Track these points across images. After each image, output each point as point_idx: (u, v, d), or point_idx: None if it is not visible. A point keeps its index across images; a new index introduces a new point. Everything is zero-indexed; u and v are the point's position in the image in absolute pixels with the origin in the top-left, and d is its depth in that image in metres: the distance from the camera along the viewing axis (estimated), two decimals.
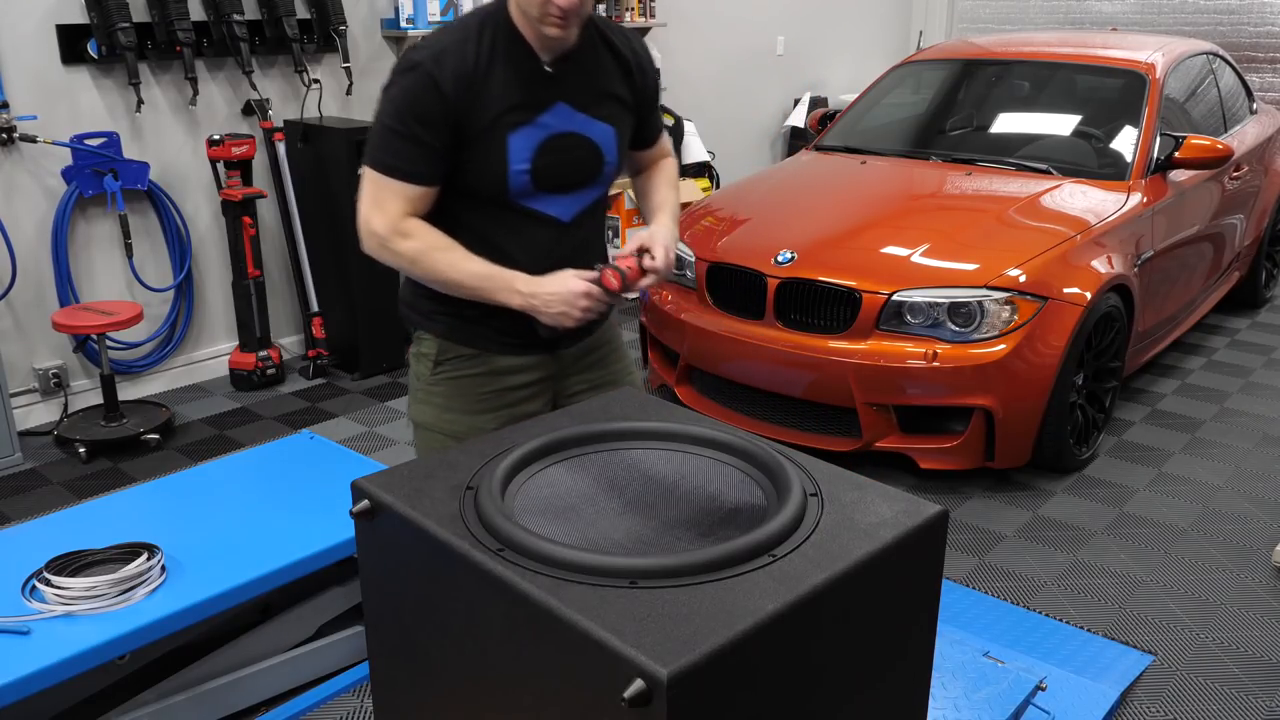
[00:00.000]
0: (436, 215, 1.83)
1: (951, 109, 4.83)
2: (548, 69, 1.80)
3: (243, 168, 4.23)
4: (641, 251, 1.85)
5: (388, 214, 1.77)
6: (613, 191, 5.64)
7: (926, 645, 1.43)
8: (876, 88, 5.04)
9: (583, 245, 1.93)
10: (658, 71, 2.03)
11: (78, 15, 3.92)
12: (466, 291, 1.81)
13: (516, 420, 1.98)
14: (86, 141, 3.97)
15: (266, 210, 4.57)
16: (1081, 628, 2.76)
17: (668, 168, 2.13)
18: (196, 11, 4.17)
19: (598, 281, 1.78)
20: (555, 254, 1.87)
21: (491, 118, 1.76)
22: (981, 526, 3.31)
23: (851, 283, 3.45)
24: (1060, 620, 2.79)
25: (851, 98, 5.42)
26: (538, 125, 1.80)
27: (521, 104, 1.78)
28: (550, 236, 1.88)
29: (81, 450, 3.75)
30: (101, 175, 3.99)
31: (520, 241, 1.85)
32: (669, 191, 2.08)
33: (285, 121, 4.50)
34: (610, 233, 5.72)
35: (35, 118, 3.87)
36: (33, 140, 3.82)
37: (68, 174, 3.96)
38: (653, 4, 5.93)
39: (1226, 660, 2.64)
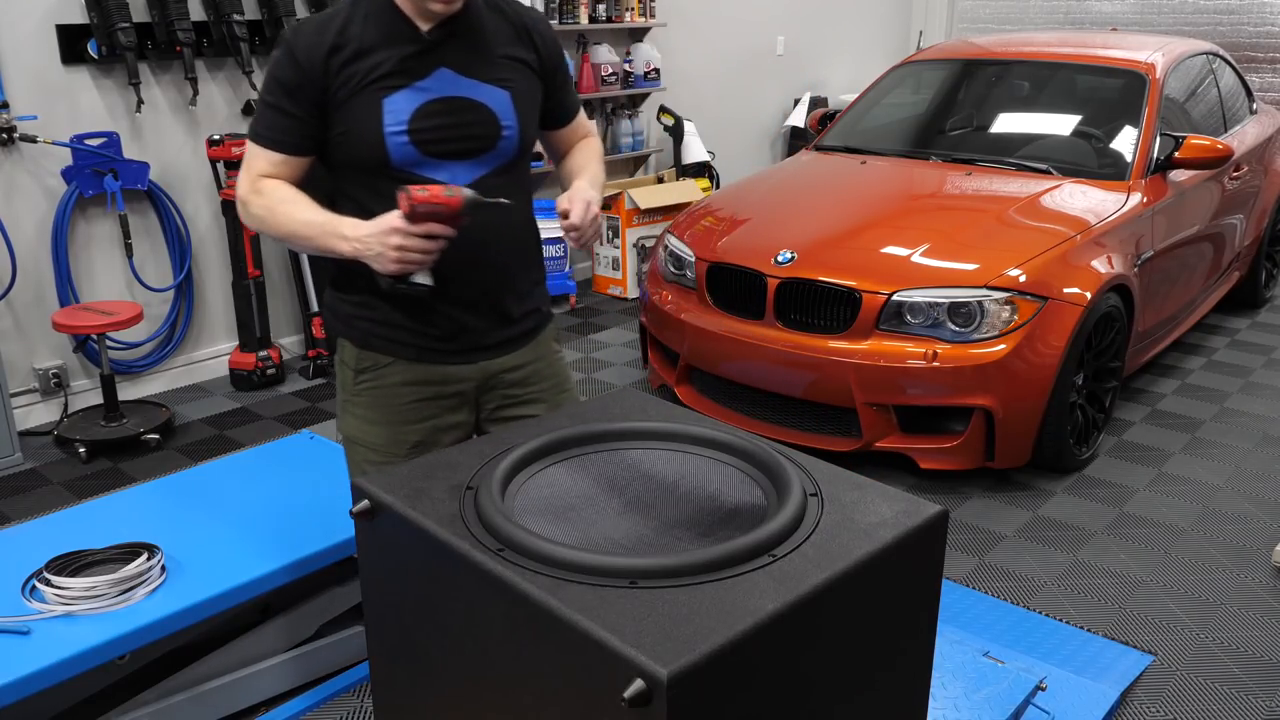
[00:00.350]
0: (334, 196, 1.84)
1: (951, 109, 4.83)
2: (426, 36, 1.77)
3: None
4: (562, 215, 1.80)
5: (249, 177, 1.80)
6: (611, 192, 5.65)
7: (926, 645, 1.43)
8: (876, 88, 5.04)
9: (492, 222, 1.80)
10: (559, 45, 1.96)
11: (78, 15, 3.92)
12: (305, 243, 1.78)
13: (439, 433, 1.95)
14: (86, 141, 3.97)
15: None
16: (1081, 628, 2.76)
17: (591, 144, 2.08)
18: (196, 11, 4.17)
19: (411, 220, 1.67)
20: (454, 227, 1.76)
21: (359, 84, 1.74)
22: (981, 526, 3.31)
23: (851, 283, 3.45)
24: (1060, 620, 2.79)
25: (851, 98, 5.42)
26: (415, 89, 1.76)
27: (395, 70, 1.76)
28: None
29: (81, 450, 3.75)
30: (101, 175, 3.99)
31: None
32: (590, 161, 2.02)
33: None
34: (610, 232, 5.72)
35: (35, 118, 3.87)
36: (33, 140, 3.82)
37: (68, 174, 3.96)
38: (653, 4, 5.93)
39: (1226, 660, 2.64)
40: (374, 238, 1.68)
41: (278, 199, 1.78)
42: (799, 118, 7.04)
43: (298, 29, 1.77)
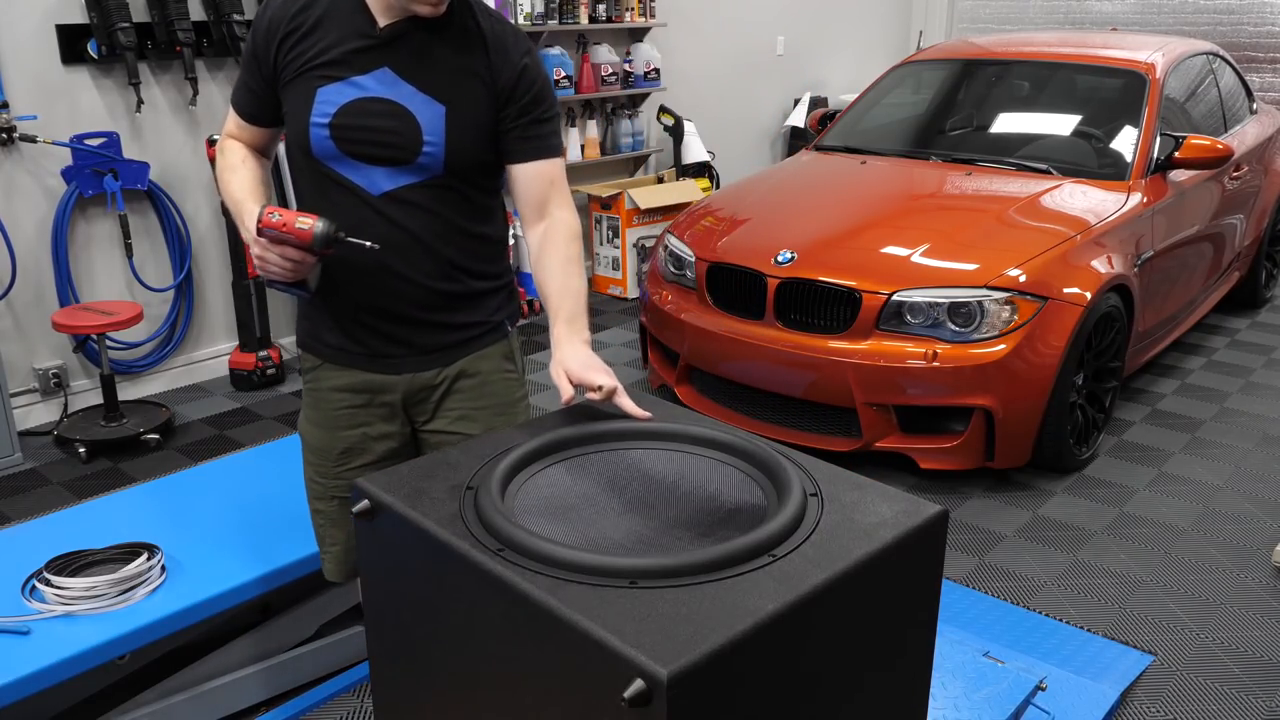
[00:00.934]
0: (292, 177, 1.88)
1: (951, 109, 4.83)
2: (378, 32, 1.71)
3: None
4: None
5: (224, 132, 1.88)
6: (611, 192, 5.65)
7: (926, 645, 1.43)
8: (876, 88, 5.04)
9: (403, 235, 1.74)
10: (527, 75, 1.76)
11: (78, 15, 3.91)
12: (234, 216, 1.81)
13: (370, 441, 1.90)
14: (86, 141, 3.97)
15: None
16: (1081, 628, 2.76)
17: (557, 251, 1.79)
18: (196, 11, 4.17)
19: (260, 233, 1.66)
20: (366, 233, 1.70)
21: (303, 67, 1.73)
22: (981, 526, 3.31)
23: (851, 283, 3.45)
24: (1060, 620, 2.79)
25: (851, 98, 5.42)
26: (351, 84, 1.72)
27: (339, 60, 1.72)
28: (354, 208, 1.74)
29: (81, 450, 3.75)
30: (101, 175, 3.99)
31: (325, 207, 1.73)
32: (567, 278, 1.77)
33: None
34: (610, 232, 5.72)
35: (35, 118, 3.87)
36: (33, 140, 3.82)
37: (68, 174, 3.96)
38: (653, 4, 5.92)
39: (1226, 660, 2.64)
40: (250, 237, 1.71)
41: (228, 163, 1.85)
42: (799, 118, 7.04)
43: (266, 6, 1.78)
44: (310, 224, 1.64)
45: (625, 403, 1.61)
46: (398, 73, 1.73)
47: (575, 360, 1.67)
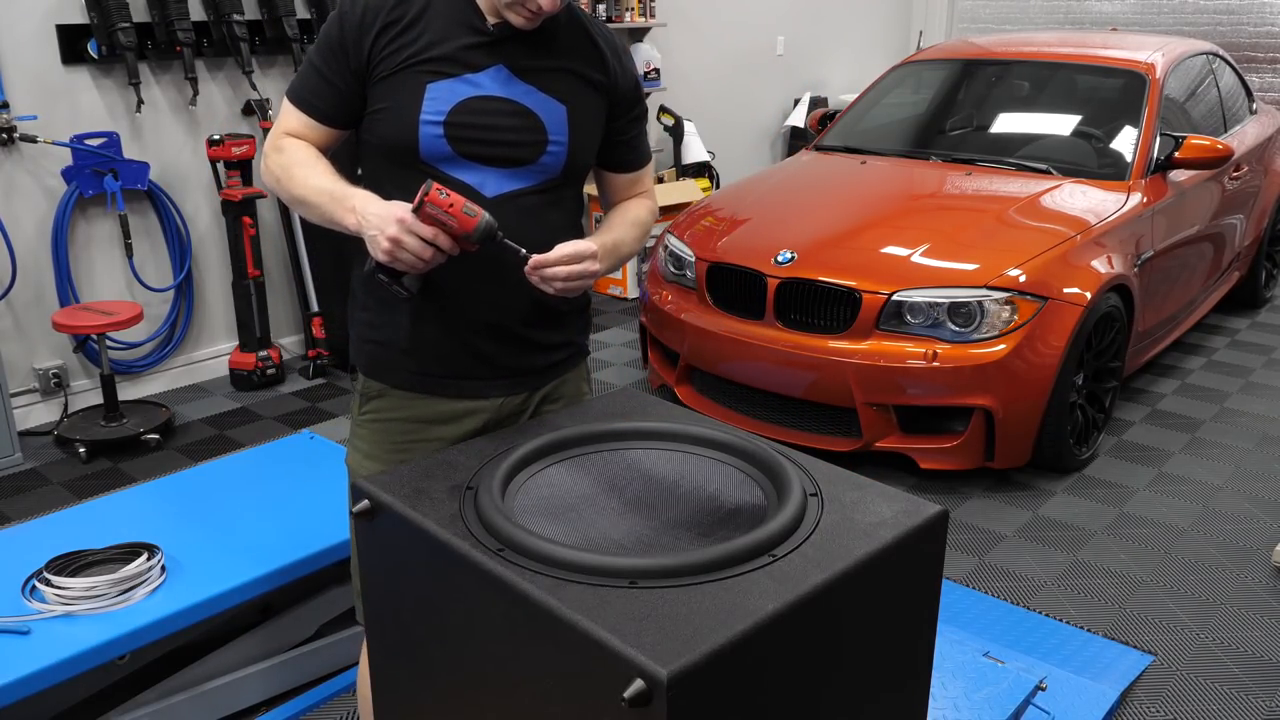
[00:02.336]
0: (360, 174, 1.71)
1: (951, 109, 4.83)
2: (491, 29, 1.63)
3: (242, 168, 4.23)
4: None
5: (277, 131, 1.69)
6: None
7: (926, 645, 1.43)
8: (876, 88, 5.04)
9: (515, 240, 1.59)
10: (640, 85, 1.81)
11: (78, 15, 3.91)
12: (314, 211, 1.63)
13: None
14: (86, 141, 3.97)
15: (266, 210, 4.57)
16: (1081, 628, 2.76)
17: (640, 207, 1.85)
18: (196, 11, 4.17)
19: (416, 212, 1.50)
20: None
21: (405, 62, 1.61)
22: (981, 526, 3.31)
23: (851, 283, 3.45)
24: (1060, 620, 2.79)
25: (851, 98, 5.42)
26: (464, 81, 1.62)
27: (449, 57, 1.61)
28: None
29: (81, 450, 3.75)
30: (101, 175, 3.99)
31: None
32: (628, 223, 1.81)
33: None
34: None
35: (35, 118, 3.87)
36: (33, 140, 3.82)
37: (68, 174, 3.96)
38: (653, 4, 5.92)
39: (1226, 660, 2.64)
40: (377, 218, 1.52)
41: (296, 159, 1.66)
42: (799, 118, 7.04)
43: None
44: (476, 212, 1.51)
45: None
46: (514, 71, 1.64)
47: (581, 243, 1.62)
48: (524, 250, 1.55)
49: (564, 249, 1.57)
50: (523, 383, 1.75)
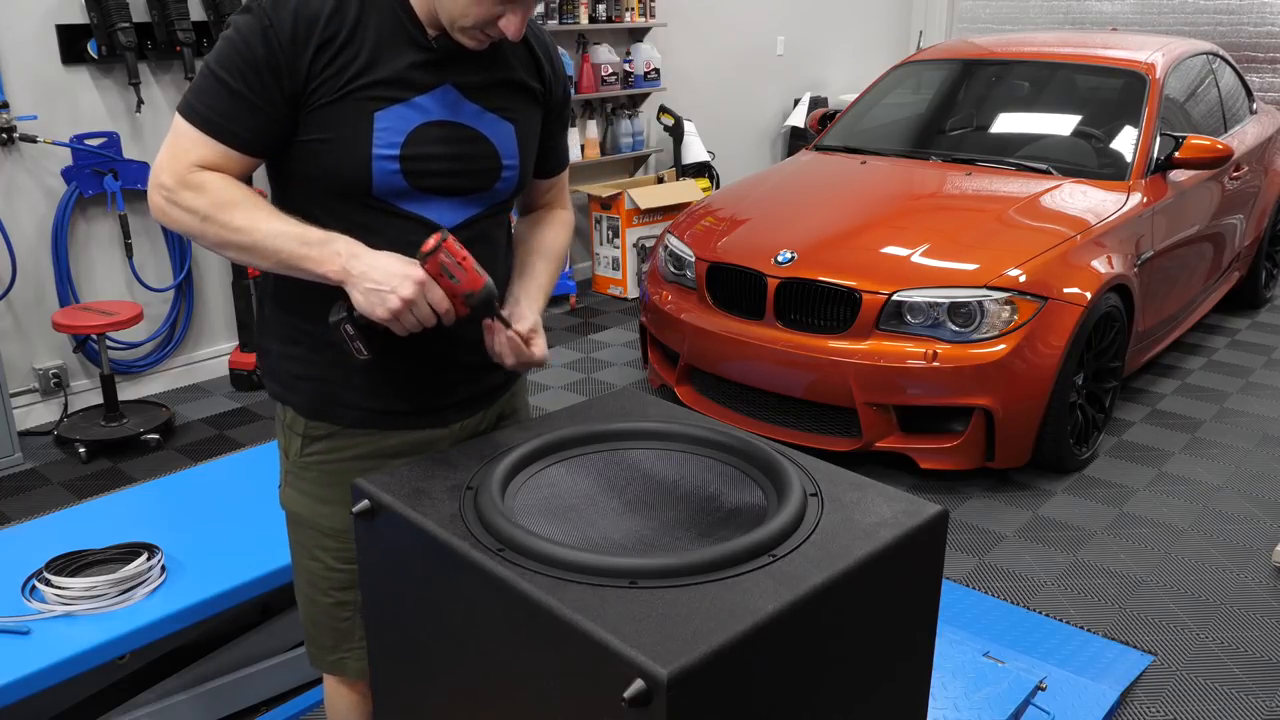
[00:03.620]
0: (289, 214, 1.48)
1: (951, 109, 4.83)
2: (434, 44, 1.47)
3: None
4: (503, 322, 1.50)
5: (180, 164, 1.42)
6: (611, 192, 5.65)
7: (926, 645, 1.43)
8: (876, 88, 5.04)
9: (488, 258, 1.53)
10: (569, 88, 1.67)
11: (78, 15, 3.91)
12: (263, 257, 1.42)
13: None
14: (86, 141, 3.97)
15: None
16: (1081, 628, 2.76)
17: (559, 225, 1.75)
18: (196, 11, 4.17)
19: (424, 260, 1.39)
20: None
21: (344, 88, 1.43)
22: (981, 526, 3.31)
23: (851, 283, 3.45)
24: (1060, 620, 2.79)
25: (851, 98, 5.42)
26: (413, 106, 1.46)
27: (393, 79, 1.45)
28: (419, 248, 1.44)
29: (81, 450, 3.75)
30: (101, 175, 3.99)
31: (381, 248, 1.43)
32: (551, 256, 1.69)
33: None
34: (610, 232, 5.72)
35: (35, 118, 3.87)
36: (33, 140, 3.82)
37: (68, 174, 3.96)
38: (653, 4, 5.92)
39: (1226, 660, 2.64)
40: (388, 274, 1.38)
41: (228, 198, 1.42)
42: (799, 118, 7.04)
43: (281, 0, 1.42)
44: (483, 272, 1.42)
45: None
46: (461, 91, 1.51)
47: (531, 309, 1.58)
48: (512, 325, 1.50)
49: (534, 320, 1.55)
50: (480, 402, 1.68)
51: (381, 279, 1.38)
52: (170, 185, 1.42)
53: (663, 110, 6.07)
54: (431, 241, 1.39)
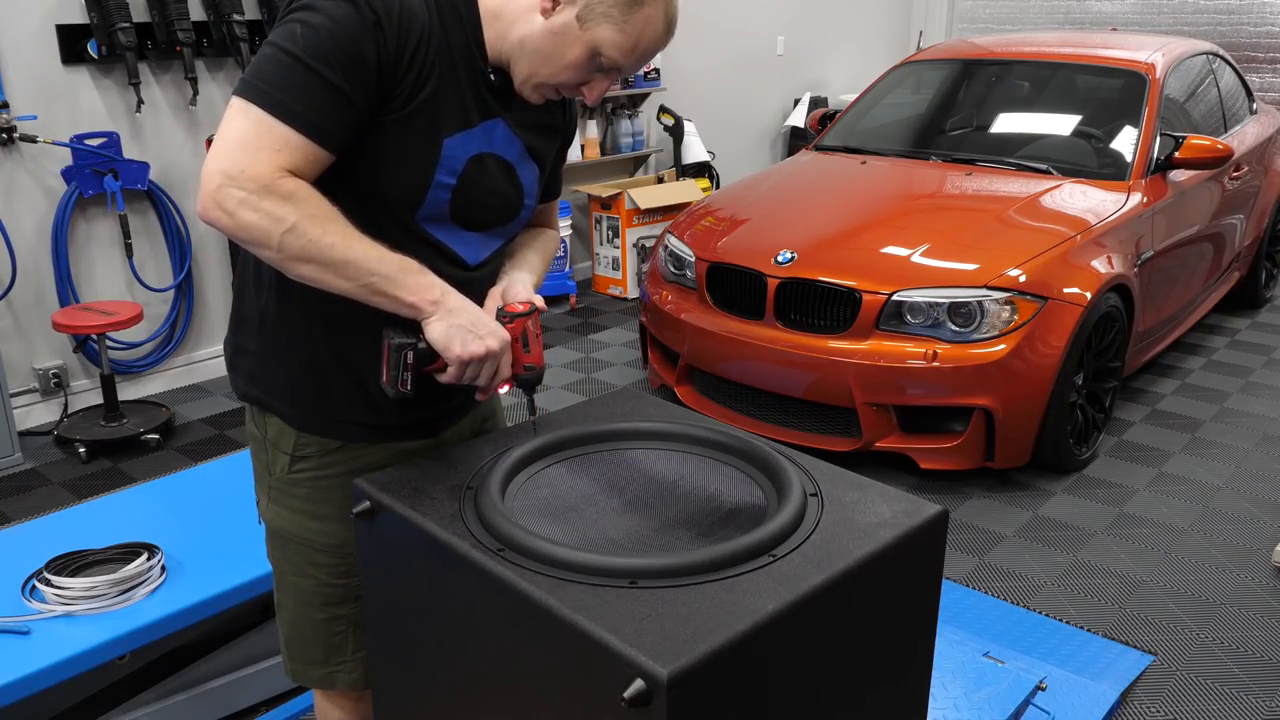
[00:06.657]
0: None
1: (951, 109, 4.83)
2: (492, 75, 1.42)
3: None
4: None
5: (272, 164, 1.27)
6: (611, 192, 5.65)
7: (926, 645, 1.43)
8: (876, 88, 5.04)
9: (479, 302, 1.49)
10: (575, 117, 1.68)
11: (78, 15, 3.91)
12: (359, 279, 1.31)
13: None
14: (86, 141, 3.97)
15: None
16: (1081, 628, 2.76)
17: (547, 237, 1.73)
18: (196, 11, 4.17)
19: (508, 319, 1.44)
20: None
21: (421, 103, 1.35)
22: (981, 526, 3.31)
23: (851, 283, 3.45)
24: (1060, 620, 2.79)
25: (851, 98, 5.42)
26: (472, 136, 1.42)
27: (460, 104, 1.39)
28: (452, 282, 1.41)
29: (81, 450, 3.75)
30: (101, 175, 3.99)
31: None
32: (537, 256, 1.67)
33: None
34: (610, 232, 5.72)
35: (35, 118, 3.87)
36: (33, 140, 3.82)
37: (68, 174, 3.96)
38: None
39: (1226, 660, 2.64)
40: (486, 323, 1.37)
41: (319, 212, 1.29)
42: (799, 118, 7.04)
43: None
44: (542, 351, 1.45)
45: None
46: (510, 126, 1.46)
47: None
48: (536, 414, 1.55)
49: (528, 294, 1.53)
50: (466, 407, 1.66)
51: (475, 324, 1.37)
52: (252, 189, 1.26)
53: (663, 110, 6.07)
54: (521, 306, 1.43)
